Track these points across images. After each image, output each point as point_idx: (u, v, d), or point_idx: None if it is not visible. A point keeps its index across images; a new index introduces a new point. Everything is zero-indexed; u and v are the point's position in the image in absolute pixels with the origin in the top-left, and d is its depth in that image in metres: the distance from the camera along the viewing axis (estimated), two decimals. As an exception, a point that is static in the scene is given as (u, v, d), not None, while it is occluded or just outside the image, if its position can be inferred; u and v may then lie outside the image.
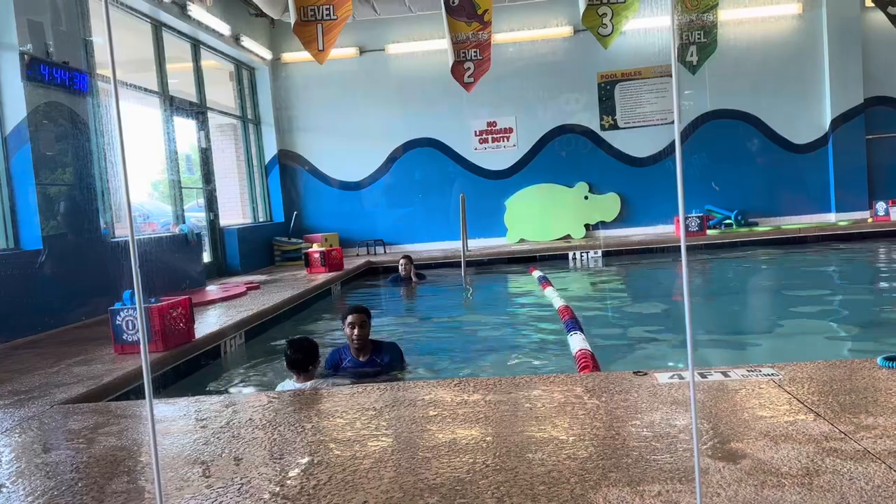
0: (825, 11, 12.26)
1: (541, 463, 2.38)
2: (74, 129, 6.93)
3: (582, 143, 12.86)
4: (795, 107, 12.51)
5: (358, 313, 4.54)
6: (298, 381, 4.13)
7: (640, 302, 7.78)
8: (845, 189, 12.39)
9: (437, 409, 3.08)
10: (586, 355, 4.44)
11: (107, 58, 1.68)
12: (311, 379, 4.15)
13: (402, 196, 13.19)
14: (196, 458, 2.71)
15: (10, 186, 6.34)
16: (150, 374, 1.77)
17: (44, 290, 6.30)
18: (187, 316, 5.19)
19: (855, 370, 3.23)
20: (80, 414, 3.53)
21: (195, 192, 11.00)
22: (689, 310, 1.76)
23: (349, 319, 4.53)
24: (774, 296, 7.79)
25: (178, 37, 10.04)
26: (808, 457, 2.27)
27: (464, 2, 7.58)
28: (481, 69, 7.84)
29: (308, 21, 6.49)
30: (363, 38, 12.88)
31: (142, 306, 1.74)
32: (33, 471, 2.74)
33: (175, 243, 8.79)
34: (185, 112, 10.21)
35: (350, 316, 4.55)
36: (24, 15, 6.32)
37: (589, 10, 6.66)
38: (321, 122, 13.20)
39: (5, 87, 6.30)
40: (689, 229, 11.35)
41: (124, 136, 1.78)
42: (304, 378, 4.14)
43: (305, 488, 2.33)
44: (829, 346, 5.14)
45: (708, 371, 3.36)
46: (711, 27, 8.20)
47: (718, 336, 5.59)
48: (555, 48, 12.79)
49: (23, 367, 4.76)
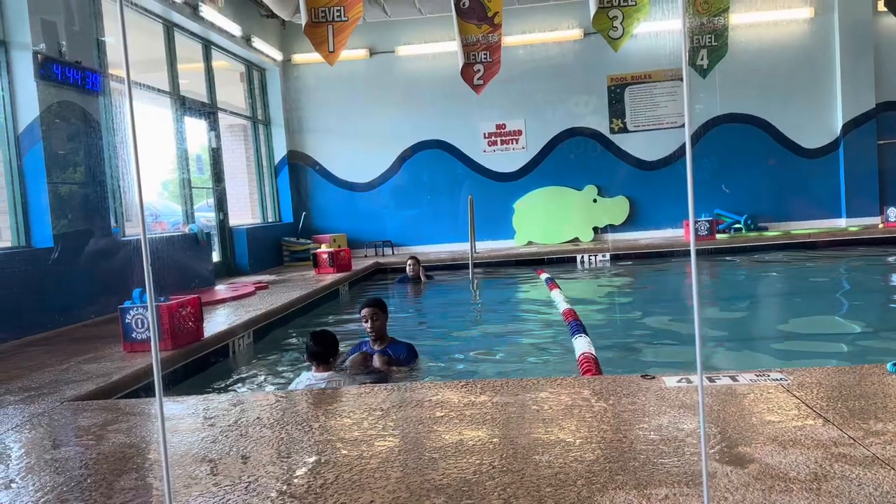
0: (837, 16, 12.20)
1: (548, 465, 2.38)
2: (86, 129, 6.97)
3: (591, 145, 12.84)
4: (806, 111, 12.45)
5: (370, 307, 4.81)
6: (317, 373, 4.17)
7: (648, 305, 7.76)
8: (856, 194, 12.32)
9: (445, 410, 3.09)
10: (589, 360, 4.43)
11: (118, 57, 1.69)
12: (329, 370, 4.20)
13: (410, 198, 13.21)
14: (204, 456, 2.73)
15: (22, 184, 6.39)
16: (160, 372, 1.78)
17: (55, 287, 6.35)
18: (196, 315, 5.22)
19: (864, 376, 3.22)
20: (90, 411, 3.56)
21: (205, 191, 11.05)
22: (698, 314, 1.76)
23: (363, 313, 4.82)
24: (784, 300, 7.76)
25: (189, 37, 10.10)
26: (816, 462, 2.26)
27: (474, 4, 7.59)
28: (491, 71, 7.85)
29: (319, 22, 6.52)
30: (373, 40, 12.92)
31: (153, 305, 1.75)
32: (43, 467, 2.76)
33: (185, 243, 8.84)
34: (196, 112, 10.27)
35: (364, 310, 4.83)
36: (37, 15, 6.37)
37: (600, 13, 6.66)
38: (331, 123, 13.24)
39: (19, 86, 6.35)
40: (698, 233, 11.31)
41: (137, 136, 1.79)
42: (322, 369, 4.18)
43: (312, 487, 2.34)
44: (838, 352, 5.12)
45: (716, 375, 3.35)
46: (722, 31, 8.19)
47: (727, 340, 5.57)
48: (565, 51, 12.78)
49: (33, 364, 4.80)
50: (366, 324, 4.78)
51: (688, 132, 1.83)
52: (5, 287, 5.80)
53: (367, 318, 4.76)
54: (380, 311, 4.81)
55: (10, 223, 6.38)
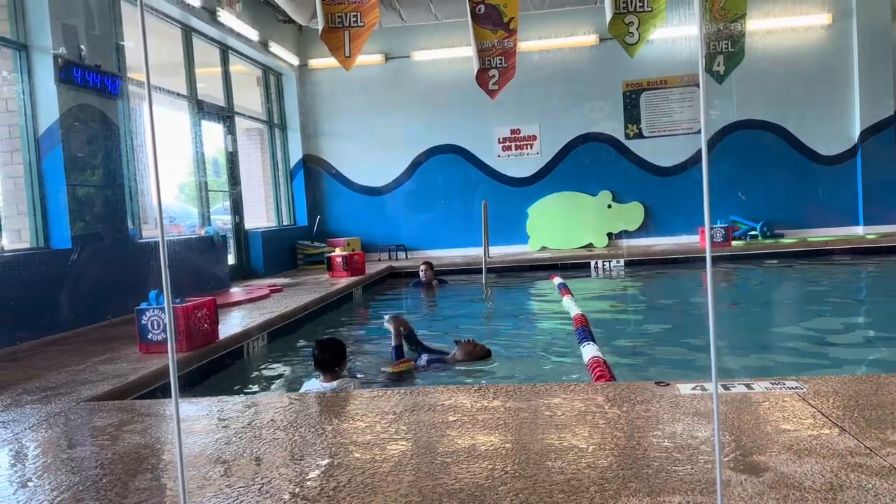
0: (855, 22, 12.10)
1: (560, 471, 2.38)
2: (105, 132, 7.05)
3: (606, 151, 12.81)
4: (824, 118, 12.35)
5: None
6: (325, 381, 4.17)
7: (662, 312, 7.72)
8: (874, 202, 12.19)
9: (457, 415, 3.09)
10: (599, 363, 4.42)
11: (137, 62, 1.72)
12: (336, 379, 4.19)
13: (424, 202, 13.24)
14: (218, 458, 2.75)
15: (41, 186, 6.47)
16: (176, 373, 1.80)
17: (72, 289, 6.41)
18: (212, 317, 5.25)
19: (881, 385, 3.18)
20: (106, 411, 3.59)
21: (221, 194, 11.14)
22: (713, 321, 1.76)
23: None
24: (800, 308, 7.69)
25: (207, 42, 10.19)
26: (832, 471, 2.24)
27: (490, 10, 7.61)
28: (506, 77, 7.86)
29: (336, 28, 6.56)
30: (389, 45, 12.97)
31: (170, 307, 1.77)
32: (59, 466, 2.79)
33: (201, 245, 8.90)
34: (213, 116, 10.35)
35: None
36: (58, 19, 6.46)
37: (616, 19, 6.65)
38: (346, 127, 13.30)
39: (39, 89, 6.43)
40: (713, 240, 11.24)
41: (156, 140, 1.81)
42: (330, 378, 4.17)
43: (325, 490, 2.34)
44: (855, 361, 5.06)
45: (731, 383, 3.33)
46: (739, 37, 8.16)
47: (742, 348, 5.53)
48: (580, 56, 12.77)
49: (50, 364, 4.85)
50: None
51: (704, 138, 1.83)
52: (24, 288, 5.87)
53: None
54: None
55: (29, 224, 6.46)
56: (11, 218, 6.44)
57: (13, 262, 5.86)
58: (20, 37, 6.37)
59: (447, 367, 5.07)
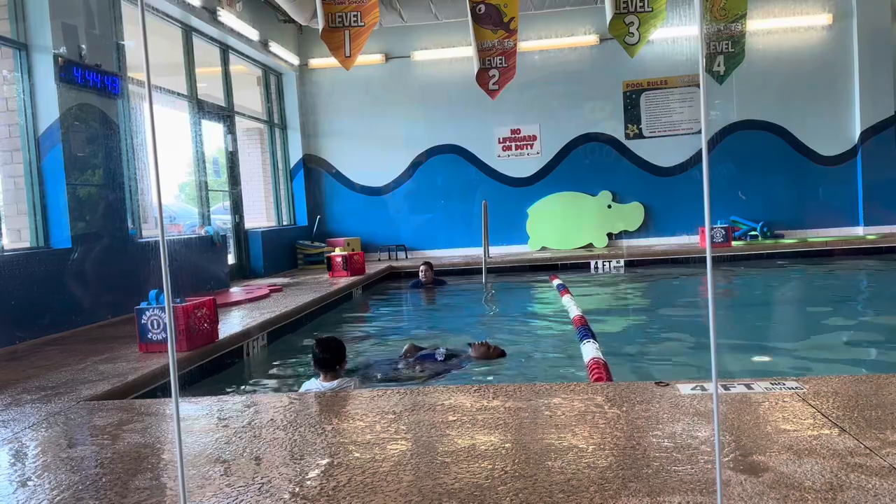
0: (856, 22, 12.10)
1: (560, 471, 2.38)
2: (105, 131, 7.05)
3: (606, 151, 12.80)
4: (824, 118, 12.35)
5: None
6: (324, 381, 4.17)
7: (662, 312, 7.72)
8: (874, 202, 12.18)
9: (457, 415, 3.09)
10: (599, 364, 4.42)
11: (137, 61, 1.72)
12: (336, 378, 4.19)
13: (424, 202, 13.24)
14: (217, 457, 2.75)
15: (41, 186, 6.47)
16: (176, 372, 1.80)
17: (72, 288, 6.41)
18: (212, 316, 5.25)
19: (881, 385, 3.18)
20: (105, 411, 3.59)
21: (221, 194, 11.14)
22: (713, 321, 1.76)
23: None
24: (800, 309, 7.69)
25: (207, 42, 10.19)
26: (832, 472, 2.24)
27: (490, 10, 7.62)
28: (506, 76, 7.87)
29: (336, 27, 6.56)
30: (389, 45, 12.97)
31: (170, 307, 1.76)
32: (59, 465, 2.79)
33: (200, 245, 8.90)
34: (213, 116, 10.35)
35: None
36: (58, 18, 6.46)
37: (616, 19, 6.65)
38: (346, 127, 13.30)
39: (39, 88, 6.43)
40: (713, 240, 11.24)
41: (156, 139, 1.81)
42: (330, 377, 4.18)
43: (325, 489, 2.34)
44: (855, 361, 5.06)
45: (731, 383, 3.33)
46: (739, 37, 8.16)
47: (742, 348, 5.53)
48: (580, 56, 12.77)
49: (50, 364, 4.85)
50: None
51: (704, 138, 1.83)
52: (24, 287, 5.87)
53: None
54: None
55: (29, 224, 6.46)
56: (11, 217, 6.44)
57: (13, 262, 5.86)
58: (20, 36, 6.37)
59: (461, 367, 5.04)
